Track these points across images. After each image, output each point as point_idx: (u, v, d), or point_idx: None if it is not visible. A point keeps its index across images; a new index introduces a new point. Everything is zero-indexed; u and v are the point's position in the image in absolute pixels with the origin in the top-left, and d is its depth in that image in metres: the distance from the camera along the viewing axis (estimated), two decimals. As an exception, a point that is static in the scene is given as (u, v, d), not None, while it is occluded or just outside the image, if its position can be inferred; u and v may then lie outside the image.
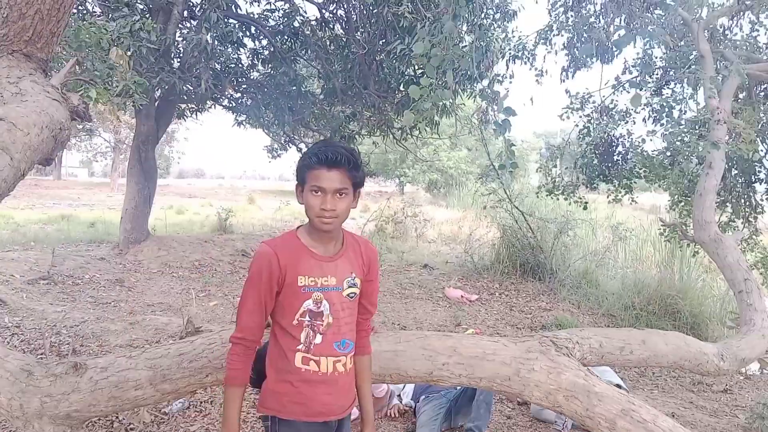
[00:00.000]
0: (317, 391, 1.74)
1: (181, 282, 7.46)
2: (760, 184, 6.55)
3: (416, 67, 7.56)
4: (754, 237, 6.43)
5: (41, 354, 4.21)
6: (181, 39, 8.02)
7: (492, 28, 7.46)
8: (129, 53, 6.05)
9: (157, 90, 8.07)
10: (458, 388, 3.55)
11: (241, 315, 1.73)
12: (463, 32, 5.25)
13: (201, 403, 3.65)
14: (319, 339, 1.74)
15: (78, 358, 2.52)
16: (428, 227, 13.73)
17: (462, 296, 7.40)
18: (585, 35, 6.38)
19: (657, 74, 6.67)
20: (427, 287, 7.90)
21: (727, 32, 6.26)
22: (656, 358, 2.69)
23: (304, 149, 12.46)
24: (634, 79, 6.12)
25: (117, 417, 3.25)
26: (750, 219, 6.53)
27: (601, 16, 6.50)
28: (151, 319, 5.23)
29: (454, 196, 21.31)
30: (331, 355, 1.76)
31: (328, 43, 8.77)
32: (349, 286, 1.78)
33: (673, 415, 4.10)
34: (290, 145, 12.59)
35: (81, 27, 3.47)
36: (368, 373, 1.97)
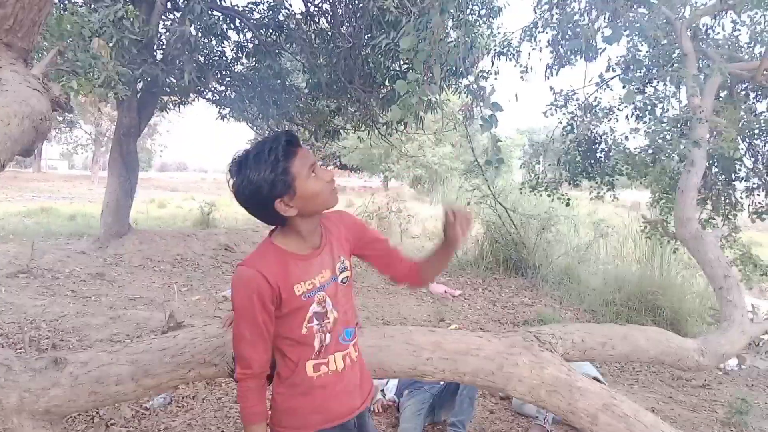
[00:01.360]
0: (334, 393, 1.64)
1: (163, 276, 7.40)
2: (740, 182, 6.64)
3: (402, 62, 7.53)
4: (733, 234, 6.51)
5: (20, 348, 4.15)
6: (164, 30, 7.92)
7: (477, 24, 7.46)
8: (111, 44, 5.97)
9: (140, 82, 7.97)
10: (442, 383, 3.55)
11: (242, 350, 1.56)
12: (449, 27, 5.25)
13: (183, 398, 3.62)
14: (328, 339, 1.62)
15: (58, 353, 2.49)
16: (412, 223, 13.74)
17: (446, 292, 7.43)
18: (570, 33, 6.42)
19: (640, 72, 6.72)
20: (411, 282, 7.90)
21: (709, 31, 6.33)
22: (637, 354, 2.72)
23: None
24: (624, 76, 6.16)
25: (97, 412, 3.21)
26: (730, 216, 6.61)
27: (585, 14, 6.53)
28: (133, 314, 5.18)
29: (438, 192, 21.35)
30: (338, 350, 1.65)
31: (313, 36, 8.72)
32: (341, 271, 1.66)
33: (653, 410, 4.15)
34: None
35: (63, 16, 3.41)
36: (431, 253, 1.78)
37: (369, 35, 7.72)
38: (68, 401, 2.33)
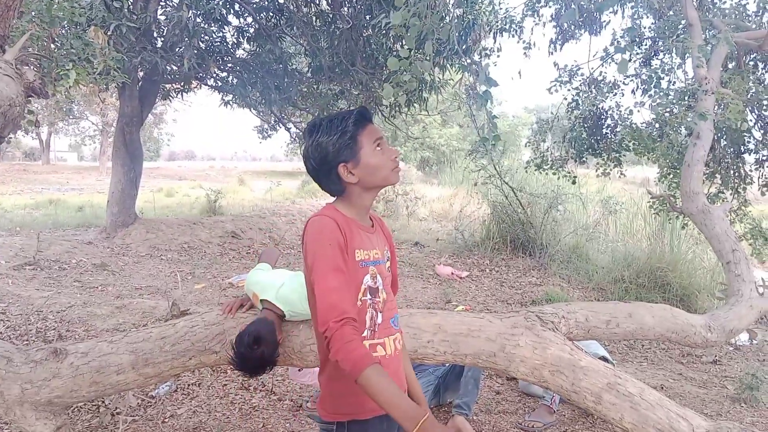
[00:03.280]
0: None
1: (170, 265, 7.41)
2: (749, 154, 6.53)
3: (403, 42, 7.43)
4: (743, 208, 6.43)
5: (27, 340, 4.17)
6: (163, 17, 7.86)
7: (479, 0, 7.33)
8: (109, 33, 5.92)
9: (140, 70, 7.92)
10: (446, 365, 3.54)
11: (332, 300, 1.41)
12: (450, 4, 5.16)
13: (188, 386, 3.63)
14: (380, 318, 1.59)
15: (63, 344, 2.48)
16: (419, 205, 13.70)
17: (452, 273, 7.40)
18: (573, 5, 6.29)
19: (646, 45, 6.60)
20: (417, 265, 7.88)
21: (715, 0, 6.19)
22: (643, 331, 2.68)
23: (293, 129, 12.43)
24: (619, 45, 6.04)
25: (103, 401, 3.23)
26: (739, 190, 6.51)
27: (589, -14, 6.39)
28: (139, 303, 5.19)
29: (445, 174, 21.26)
30: (390, 333, 1.62)
31: (314, 19, 8.61)
32: (387, 259, 1.69)
33: (662, 387, 4.12)
34: (279, 125, 12.45)
35: (53, 1, 3.36)
36: (405, 353, 1.82)
37: (370, 15, 7.62)
38: (70, 392, 2.34)
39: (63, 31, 4.41)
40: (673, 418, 2.10)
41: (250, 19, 8.78)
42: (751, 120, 6.07)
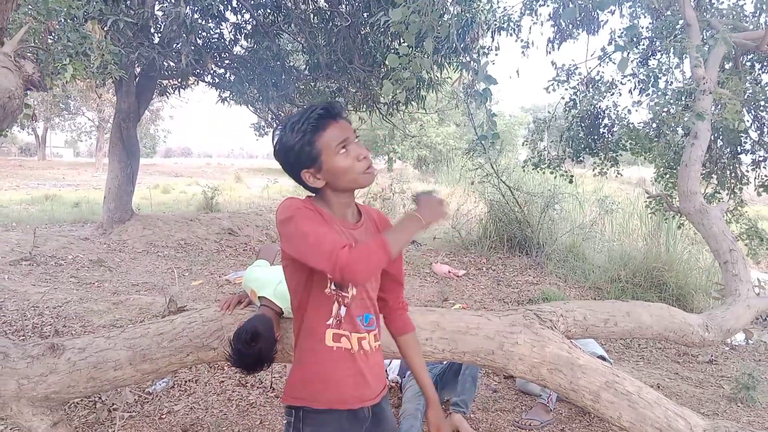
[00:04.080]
0: (349, 373, 1.57)
1: (167, 261, 7.40)
2: (746, 155, 6.55)
3: (401, 40, 7.42)
4: (739, 208, 6.44)
5: (23, 335, 4.16)
6: (160, 13, 7.83)
7: (477, -1, 7.33)
8: (106, 28, 5.90)
9: (137, 65, 7.90)
10: (444, 363, 3.54)
11: (322, 240, 1.38)
12: (449, 3, 5.15)
13: (185, 382, 3.62)
14: (343, 311, 1.57)
15: (59, 339, 2.47)
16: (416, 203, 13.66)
17: (449, 272, 7.40)
18: (571, 4, 6.29)
19: (643, 44, 6.60)
20: (414, 263, 7.89)
21: (713, 0, 6.20)
22: (641, 330, 2.68)
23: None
24: (618, 43, 6.04)
25: (99, 398, 3.22)
26: (735, 190, 6.53)
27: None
28: (135, 299, 5.18)
29: (442, 172, 21.26)
30: (355, 330, 1.59)
31: (311, 16, 8.59)
32: None
33: (659, 387, 4.13)
34: (276, 122, 12.43)
35: (49, -6, 3.36)
36: (418, 347, 1.83)
37: (368, 13, 7.61)
38: (67, 387, 2.33)
39: (59, 25, 4.38)
40: (671, 416, 2.11)
41: (247, 16, 8.75)
42: (747, 120, 6.08)
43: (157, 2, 7.57)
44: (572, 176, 7.30)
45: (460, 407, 3.29)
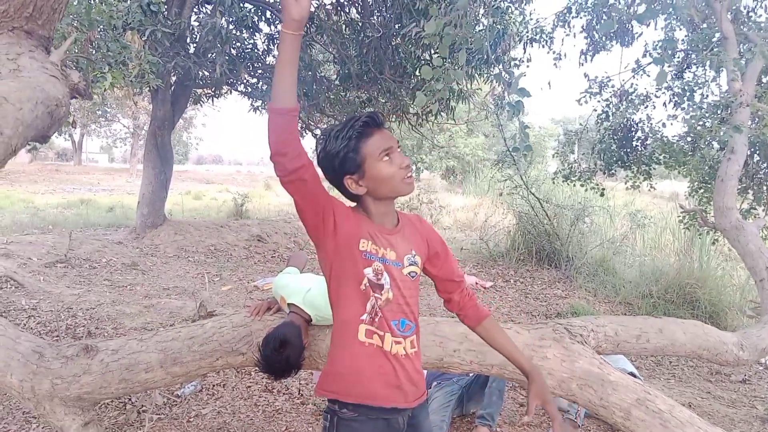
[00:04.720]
0: (379, 371, 1.56)
1: (197, 266, 7.50)
2: (784, 170, 6.39)
3: (432, 51, 7.45)
4: (776, 225, 6.28)
5: (57, 336, 4.26)
6: (196, 23, 8.00)
7: (509, 10, 7.32)
8: (144, 37, 6.05)
9: (173, 74, 8.06)
10: (471, 375, 3.52)
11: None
12: (480, 15, 5.16)
13: (213, 386, 3.66)
14: (380, 314, 1.56)
15: (92, 341, 2.52)
16: (443, 214, 13.67)
17: (477, 283, 7.36)
18: (605, 17, 6.23)
19: (678, 57, 6.51)
20: (441, 274, 7.83)
21: (751, 14, 6.08)
22: (674, 347, 2.63)
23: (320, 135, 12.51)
24: (657, 55, 5.96)
25: (129, 399, 3.27)
26: (772, 206, 6.38)
27: (621, -3, 6.33)
28: (166, 303, 5.26)
29: (470, 183, 21.19)
30: (390, 332, 1.57)
31: (343, 27, 8.69)
32: (410, 264, 1.62)
33: (690, 405, 4.04)
34: (306, 131, 12.55)
35: (91, 5, 3.45)
36: (499, 328, 1.78)
37: (399, 24, 7.66)
38: (99, 388, 2.37)
39: (100, 35, 4.51)
40: (703, 436, 2.06)
41: (280, 27, 8.88)
42: (786, 135, 5.94)
43: (193, 13, 7.74)
44: (603, 189, 7.22)
45: (486, 420, 3.26)
